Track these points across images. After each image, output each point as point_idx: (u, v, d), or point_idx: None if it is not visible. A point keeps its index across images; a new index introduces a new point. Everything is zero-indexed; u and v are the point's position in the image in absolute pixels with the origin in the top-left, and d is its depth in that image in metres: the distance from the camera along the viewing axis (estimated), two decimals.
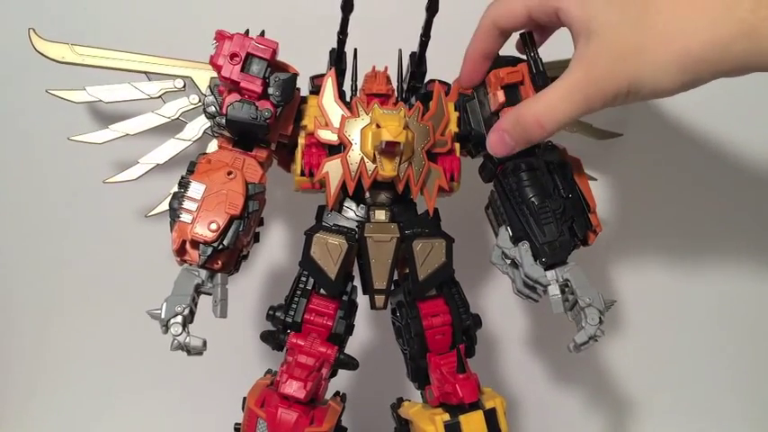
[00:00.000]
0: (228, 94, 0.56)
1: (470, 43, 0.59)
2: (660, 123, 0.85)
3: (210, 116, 0.59)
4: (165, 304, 0.54)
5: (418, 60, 0.61)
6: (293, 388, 0.57)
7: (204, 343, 0.54)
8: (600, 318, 0.56)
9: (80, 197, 0.84)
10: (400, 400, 0.65)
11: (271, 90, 0.56)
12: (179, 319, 0.53)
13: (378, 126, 0.56)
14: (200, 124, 0.66)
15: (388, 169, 0.56)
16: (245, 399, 0.60)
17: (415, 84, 0.63)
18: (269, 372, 0.64)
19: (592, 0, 0.50)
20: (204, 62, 0.61)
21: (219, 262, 0.56)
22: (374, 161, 0.57)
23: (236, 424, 0.61)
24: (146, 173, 0.68)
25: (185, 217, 0.54)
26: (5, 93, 0.81)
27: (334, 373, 0.62)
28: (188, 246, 0.55)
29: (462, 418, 0.57)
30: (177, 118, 0.67)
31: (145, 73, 0.66)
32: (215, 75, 0.58)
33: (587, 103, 0.51)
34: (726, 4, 0.45)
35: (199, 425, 0.87)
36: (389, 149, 0.55)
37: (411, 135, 0.57)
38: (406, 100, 0.64)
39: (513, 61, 0.62)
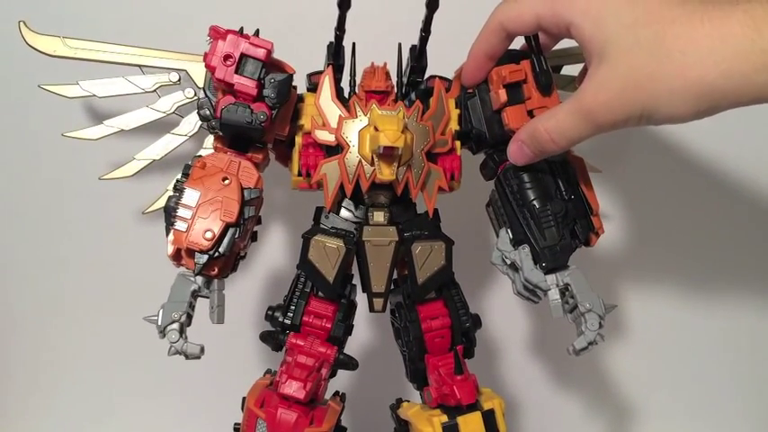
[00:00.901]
0: (223, 95, 0.55)
1: (475, 42, 0.58)
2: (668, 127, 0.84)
3: (204, 119, 0.58)
4: (161, 311, 0.54)
5: (418, 55, 0.59)
6: (293, 388, 0.57)
7: (202, 349, 0.55)
8: (600, 323, 0.56)
9: (78, 196, 0.83)
10: (399, 401, 0.65)
11: (266, 92, 0.55)
12: (175, 326, 0.54)
13: (375, 129, 0.55)
14: (196, 119, 0.65)
15: (386, 173, 0.55)
16: (244, 399, 0.60)
17: (415, 78, 0.62)
18: (268, 372, 0.64)
19: (607, 21, 0.48)
20: (199, 54, 0.59)
21: (216, 268, 0.55)
22: (372, 164, 0.56)
23: (236, 424, 0.62)
24: (142, 169, 0.67)
25: (180, 225, 0.53)
26: None
27: (333, 374, 0.62)
28: (183, 253, 0.54)
29: (460, 420, 0.57)
30: (173, 112, 0.65)
31: (139, 66, 0.64)
32: None
33: (597, 126, 0.50)
34: (749, 37, 0.43)
35: (198, 425, 0.88)
36: (387, 154, 0.54)
37: (410, 137, 0.56)
38: (406, 95, 0.62)
39: (516, 56, 0.60)
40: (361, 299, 0.62)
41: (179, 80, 0.64)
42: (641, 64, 0.46)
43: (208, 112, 0.58)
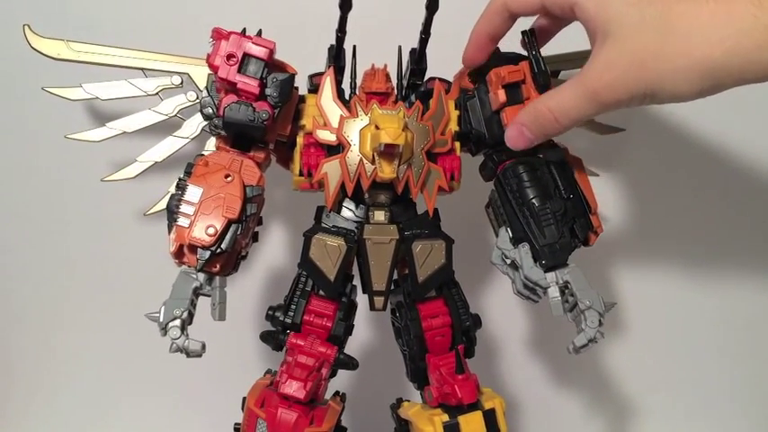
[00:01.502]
0: (226, 94, 0.56)
1: (478, 22, 0.58)
2: (666, 121, 0.84)
3: (207, 117, 0.59)
4: (163, 308, 0.54)
5: (418, 58, 0.60)
6: (293, 388, 0.57)
7: (203, 346, 0.55)
8: (599, 320, 0.56)
9: (80, 197, 0.83)
10: (400, 401, 0.65)
11: (268, 91, 0.56)
12: (177, 322, 0.54)
13: (377, 127, 0.55)
14: (197, 121, 0.66)
15: (387, 171, 0.55)
16: (244, 399, 0.60)
17: (415, 80, 0.63)
18: (268, 372, 0.64)
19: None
20: (201, 58, 0.60)
21: (218, 265, 0.55)
22: (373, 162, 0.56)
23: (236, 424, 0.62)
24: (144, 171, 0.68)
25: (183, 221, 0.54)
26: (1, 91, 0.80)
27: (333, 374, 0.62)
28: (186, 249, 0.55)
29: (461, 419, 0.57)
30: (175, 115, 0.66)
31: (142, 69, 0.65)
32: None
33: (600, 104, 0.50)
34: (752, 13, 0.44)
35: (199, 425, 0.88)
36: (388, 151, 0.55)
37: (410, 136, 0.56)
38: (406, 97, 0.63)
39: (514, 58, 0.61)
40: (361, 300, 0.62)
41: (181, 83, 0.65)
42: (646, 42, 0.46)
43: (211, 111, 0.58)
